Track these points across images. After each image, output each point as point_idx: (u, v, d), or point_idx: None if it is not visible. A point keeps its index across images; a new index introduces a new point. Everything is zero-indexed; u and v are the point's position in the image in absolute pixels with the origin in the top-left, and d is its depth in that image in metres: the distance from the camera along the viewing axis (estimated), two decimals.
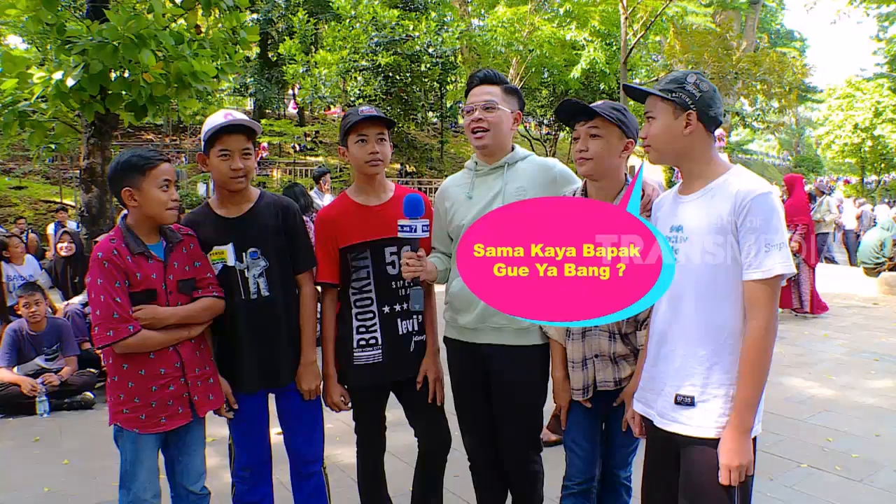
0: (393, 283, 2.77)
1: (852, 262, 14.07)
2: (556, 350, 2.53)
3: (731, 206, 1.93)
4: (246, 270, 2.66)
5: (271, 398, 2.80)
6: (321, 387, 2.81)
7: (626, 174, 2.42)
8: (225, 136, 2.56)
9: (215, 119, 2.59)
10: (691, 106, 2.02)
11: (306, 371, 2.75)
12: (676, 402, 2.02)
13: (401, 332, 2.78)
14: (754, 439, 1.99)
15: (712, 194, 2.01)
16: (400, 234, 2.48)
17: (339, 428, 4.54)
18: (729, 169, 2.05)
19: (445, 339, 2.80)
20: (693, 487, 2.00)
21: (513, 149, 2.69)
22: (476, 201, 2.62)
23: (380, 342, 2.75)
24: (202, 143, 2.60)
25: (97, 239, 6.35)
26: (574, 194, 2.45)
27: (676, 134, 2.04)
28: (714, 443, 1.94)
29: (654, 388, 2.13)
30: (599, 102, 2.35)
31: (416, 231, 2.45)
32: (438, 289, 2.83)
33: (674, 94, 2.02)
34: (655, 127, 2.07)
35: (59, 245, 6.84)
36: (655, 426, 2.11)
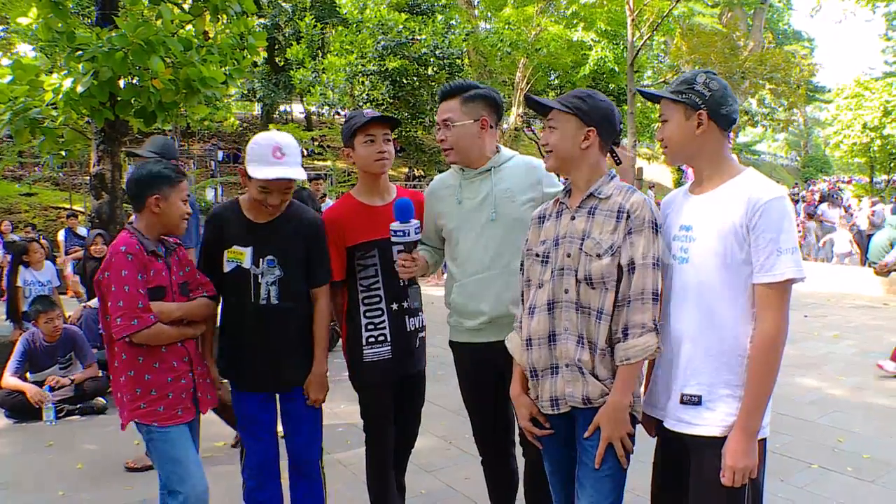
0: (400, 280, 2.81)
1: (863, 262, 13.99)
2: (514, 366, 2.34)
3: (744, 209, 1.93)
4: (260, 276, 2.70)
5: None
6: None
7: (606, 166, 2.25)
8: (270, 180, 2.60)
9: (263, 151, 2.57)
10: (701, 106, 2.02)
11: (316, 381, 2.81)
12: (682, 402, 2.01)
13: (409, 329, 2.86)
14: (763, 441, 1.99)
15: (724, 195, 2.01)
16: (393, 239, 2.54)
17: (348, 431, 4.56)
18: (742, 171, 2.04)
19: (452, 343, 2.81)
20: (702, 488, 2.00)
21: (498, 150, 2.71)
22: (465, 205, 2.66)
23: (389, 339, 2.81)
24: (244, 163, 2.63)
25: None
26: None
27: (689, 135, 2.04)
28: (721, 443, 1.94)
29: (662, 390, 2.12)
30: (567, 93, 2.26)
31: (409, 235, 2.51)
32: (432, 291, 2.84)
33: (683, 96, 2.02)
34: (668, 129, 2.08)
35: (91, 247, 6.90)
36: (664, 427, 2.11)
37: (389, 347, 2.81)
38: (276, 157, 2.58)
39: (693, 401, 2.00)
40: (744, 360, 1.95)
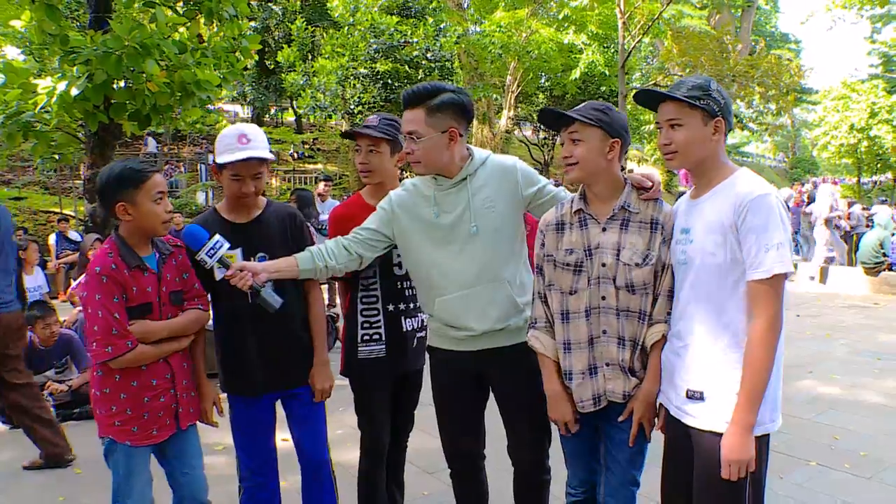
0: (398, 283, 2.86)
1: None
2: (545, 363, 2.40)
3: (732, 208, 1.99)
4: None
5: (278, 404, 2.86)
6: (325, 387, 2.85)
7: (624, 176, 2.34)
8: (238, 164, 2.57)
9: (229, 142, 2.56)
10: (718, 113, 2.05)
11: (320, 370, 2.81)
12: (687, 397, 2.09)
13: (405, 329, 2.88)
14: (767, 437, 2.05)
15: (717, 196, 2.07)
16: (207, 267, 2.51)
17: (347, 434, 4.55)
18: (734, 172, 2.10)
19: (431, 349, 2.77)
20: (703, 480, 2.06)
21: (470, 153, 2.56)
22: (443, 220, 2.54)
23: (384, 338, 2.84)
24: (215, 157, 2.62)
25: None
26: (572, 203, 2.38)
27: (705, 141, 2.07)
28: (721, 437, 1.99)
29: (669, 381, 2.20)
30: (581, 105, 2.31)
31: (207, 263, 2.44)
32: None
33: (702, 102, 2.04)
34: (683, 134, 2.08)
35: (89, 252, 6.87)
36: (673, 419, 2.18)
37: (384, 346, 2.84)
38: (241, 143, 2.56)
39: (696, 396, 2.07)
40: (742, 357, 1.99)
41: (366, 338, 2.84)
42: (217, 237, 2.44)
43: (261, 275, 2.43)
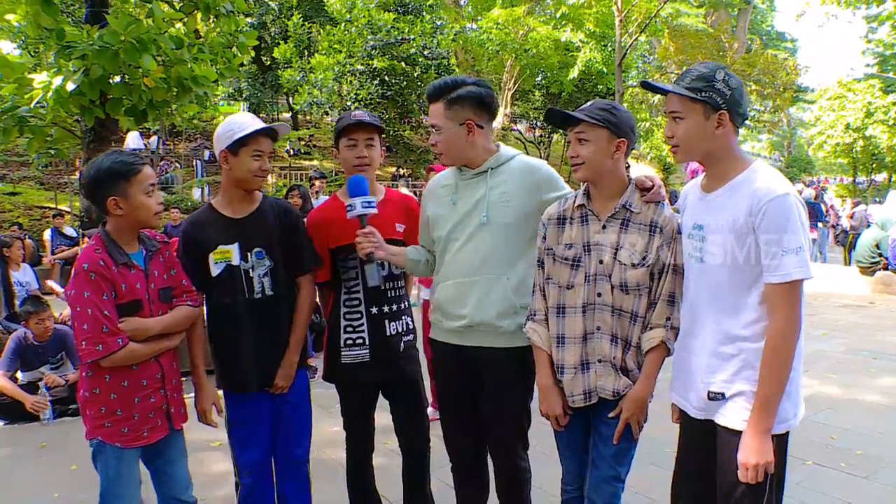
0: (382, 284, 2.82)
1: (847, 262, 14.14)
2: (539, 357, 2.41)
3: (749, 207, 1.92)
4: (251, 270, 2.68)
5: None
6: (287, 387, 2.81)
7: (628, 175, 2.35)
8: (260, 138, 2.61)
9: (244, 121, 2.63)
10: (722, 106, 1.98)
11: (284, 368, 2.76)
12: (709, 398, 2.06)
13: (389, 333, 2.85)
14: (787, 434, 2.01)
15: (732, 193, 2.01)
16: (348, 215, 2.59)
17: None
18: (749, 165, 2.02)
19: (431, 341, 2.79)
20: (727, 476, 2.03)
21: (498, 148, 2.63)
22: (459, 208, 2.59)
23: (367, 342, 2.81)
24: (230, 141, 2.58)
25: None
26: (575, 200, 2.37)
27: (707, 135, 2.01)
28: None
29: (687, 382, 2.16)
30: (587, 104, 2.30)
31: (355, 208, 2.56)
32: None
33: (703, 94, 1.98)
34: (684, 128, 2.03)
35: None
36: (690, 416, 2.15)
37: (367, 350, 2.81)
38: (254, 120, 2.66)
39: (718, 398, 2.04)
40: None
41: (349, 342, 2.82)
42: (372, 197, 2.63)
43: (380, 251, 2.60)
